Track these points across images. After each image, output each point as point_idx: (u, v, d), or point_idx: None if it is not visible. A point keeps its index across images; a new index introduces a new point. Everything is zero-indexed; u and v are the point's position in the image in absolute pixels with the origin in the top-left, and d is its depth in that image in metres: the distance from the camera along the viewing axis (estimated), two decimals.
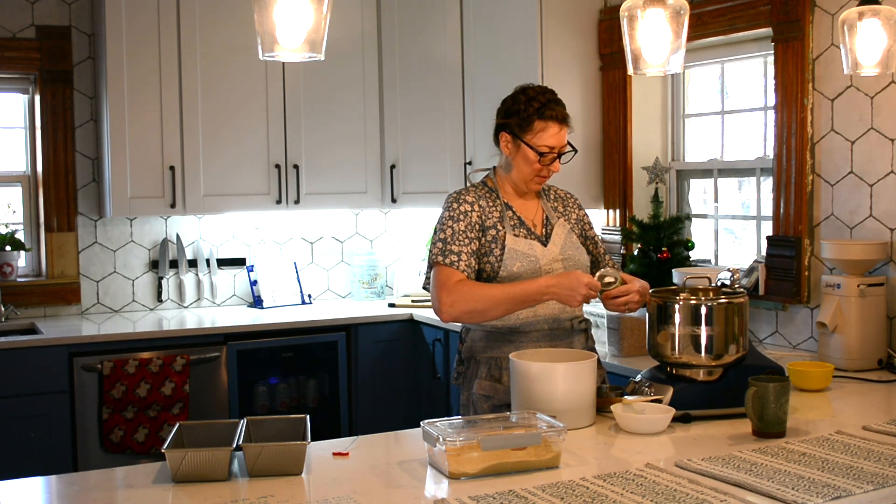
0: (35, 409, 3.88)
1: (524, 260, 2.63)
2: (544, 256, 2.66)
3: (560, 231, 2.74)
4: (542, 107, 2.64)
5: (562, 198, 2.86)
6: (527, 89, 2.70)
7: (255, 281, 4.82)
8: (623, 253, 4.20)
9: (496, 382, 2.65)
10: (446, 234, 2.63)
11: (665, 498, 1.80)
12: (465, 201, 2.68)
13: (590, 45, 4.34)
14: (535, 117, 2.64)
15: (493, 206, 2.70)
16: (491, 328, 2.69)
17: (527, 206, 2.76)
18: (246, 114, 4.55)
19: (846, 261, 3.11)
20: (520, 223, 2.71)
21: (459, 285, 2.57)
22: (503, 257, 2.62)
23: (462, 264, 2.60)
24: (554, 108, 2.65)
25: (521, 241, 2.66)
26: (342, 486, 1.94)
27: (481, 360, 2.70)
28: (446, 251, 2.61)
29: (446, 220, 2.66)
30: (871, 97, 3.22)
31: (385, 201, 4.87)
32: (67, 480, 2.04)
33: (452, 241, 2.62)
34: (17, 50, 4.44)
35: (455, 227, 2.64)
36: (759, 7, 3.55)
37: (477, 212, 2.66)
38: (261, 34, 2.15)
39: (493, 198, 2.72)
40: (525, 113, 2.65)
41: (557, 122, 2.65)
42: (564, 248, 2.71)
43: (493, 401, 2.65)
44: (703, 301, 2.44)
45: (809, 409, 2.55)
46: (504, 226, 2.67)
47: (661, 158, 4.27)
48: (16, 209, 4.64)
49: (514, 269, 2.62)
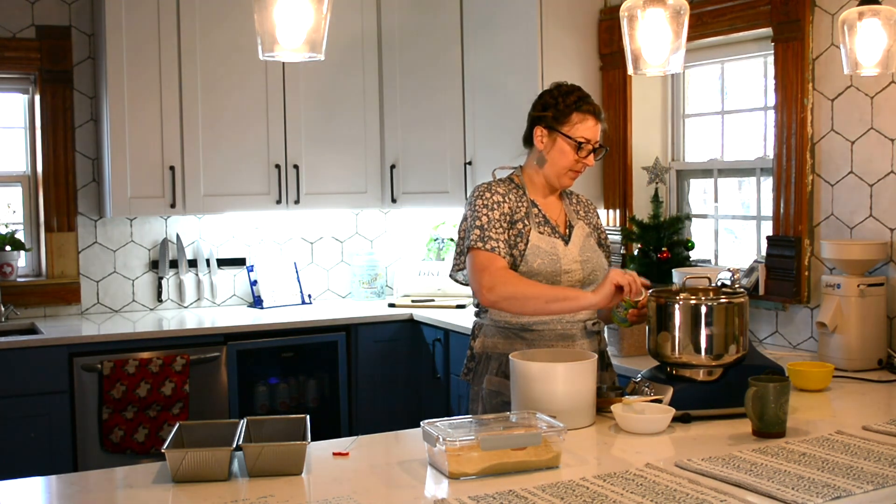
0: (35, 409, 3.88)
1: (546, 257, 2.65)
2: (565, 256, 2.68)
3: (580, 233, 2.76)
4: (580, 100, 2.70)
5: (583, 203, 2.89)
6: (561, 86, 2.75)
7: (255, 281, 4.82)
8: (623, 253, 4.20)
9: (505, 378, 2.65)
10: (482, 222, 2.65)
11: (665, 498, 1.80)
12: (497, 192, 2.71)
13: (590, 45, 4.34)
14: (574, 109, 2.69)
15: (520, 202, 2.72)
16: (504, 324, 2.70)
17: (551, 206, 2.79)
18: (246, 114, 4.55)
19: (846, 261, 3.12)
20: (545, 221, 2.73)
21: (502, 271, 2.59)
22: (526, 252, 2.64)
23: (502, 251, 2.62)
24: (591, 102, 2.72)
25: (544, 238, 2.68)
26: (342, 486, 1.94)
27: (493, 355, 2.72)
28: (485, 237, 2.63)
29: (480, 207, 2.67)
30: (871, 97, 3.22)
31: (385, 201, 4.87)
32: (67, 480, 2.04)
33: (490, 228, 2.64)
34: (17, 50, 4.44)
35: (490, 216, 2.65)
36: (759, 7, 3.55)
37: (508, 203, 2.69)
38: (261, 34, 2.15)
39: (520, 194, 2.74)
40: (563, 105, 2.70)
41: (594, 116, 2.70)
42: (584, 249, 2.73)
43: (502, 397, 2.66)
44: (703, 301, 2.44)
45: (809, 409, 2.55)
46: (530, 222, 2.70)
47: (661, 158, 4.27)
48: (16, 209, 4.64)
49: (535, 265, 2.64)
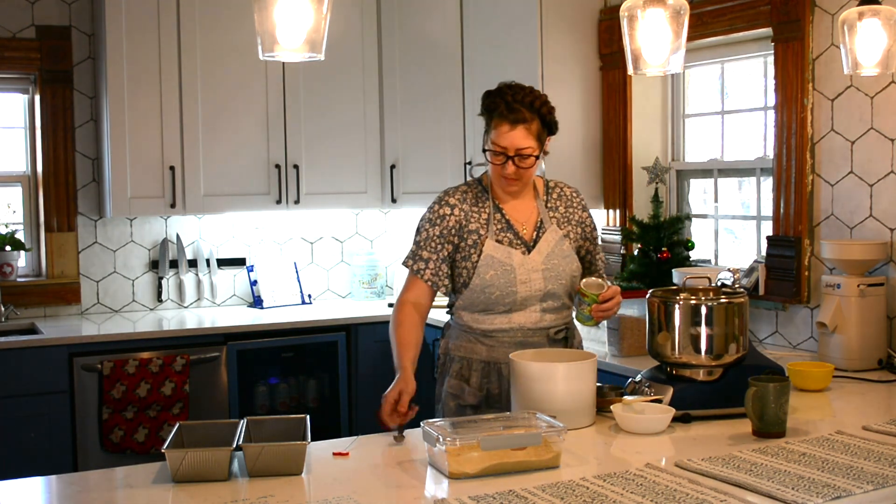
0: (35, 409, 3.88)
1: (499, 268, 2.59)
2: (522, 266, 2.60)
3: (550, 238, 2.66)
4: (501, 104, 2.54)
5: (566, 197, 2.75)
6: (503, 86, 2.60)
7: (255, 281, 4.82)
8: (623, 253, 4.20)
9: (464, 382, 2.65)
10: (420, 238, 2.65)
11: (665, 498, 1.80)
12: (447, 203, 2.65)
13: (590, 44, 4.34)
14: (492, 114, 2.58)
15: (480, 208, 2.66)
16: (466, 328, 2.68)
17: (520, 208, 2.68)
18: (246, 114, 4.55)
19: (846, 261, 3.11)
20: (507, 227, 2.65)
21: (404, 306, 2.63)
22: (479, 264, 2.60)
23: (428, 273, 2.62)
24: (513, 105, 2.53)
25: (501, 248, 2.61)
26: (342, 486, 1.94)
27: (455, 357, 2.70)
28: (416, 255, 2.65)
29: (425, 221, 2.66)
30: (871, 97, 3.22)
31: (385, 201, 4.87)
32: (67, 480, 2.04)
33: (424, 247, 2.64)
34: (17, 50, 4.44)
35: (430, 233, 2.64)
36: (759, 7, 3.55)
37: (457, 216, 2.63)
38: (261, 34, 2.15)
39: (483, 198, 2.67)
40: (487, 109, 2.60)
41: (508, 123, 2.53)
42: (550, 256, 2.64)
43: (458, 400, 2.65)
44: (703, 301, 2.44)
45: (809, 409, 2.55)
46: (488, 230, 2.63)
47: (661, 158, 4.27)
48: (16, 209, 4.64)
49: (487, 276, 2.59)
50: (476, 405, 2.63)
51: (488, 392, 2.64)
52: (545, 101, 2.60)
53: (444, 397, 2.70)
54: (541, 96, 2.60)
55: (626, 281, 3.90)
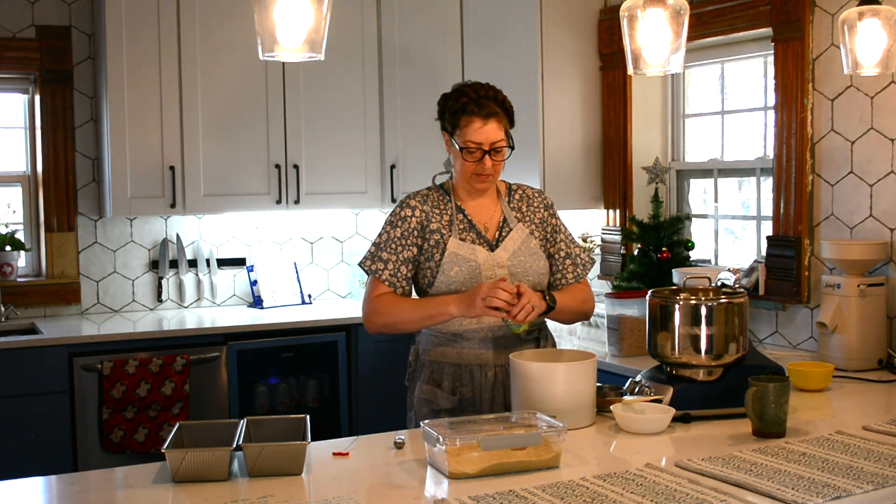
0: (35, 409, 3.88)
1: (463, 264, 2.59)
2: (486, 262, 2.60)
3: (516, 236, 2.66)
4: (469, 102, 2.57)
5: (527, 197, 2.75)
6: (463, 86, 2.64)
7: (255, 281, 4.82)
8: (623, 253, 4.21)
9: (436, 387, 2.64)
10: (381, 239, 2.65)
11: (665, 498, 1.80)
12: (408, 206, 2.66)
13: (590, 45, 4.34)
14: (460, 113, 2.59)
15: (442, 210, 2.66)
16: (436, 331, 2.66)
17: (481, 208, 2.69)
18: (246, 114, 4.55)
19: (846, 261, 3.12)
20: (469, 227, 2.65)
21: (377, 299, 2.61)
22: (442, 261, 2.59)
23: (386, 273, 2.62)
24: (481, 101, 2.57)
25: (465, 245, 2.61)
26: (342, 486, 1.94)
27: (426, 362, 2.69)
28: (375, 256, 2.64)
29: (386, 224, 2.67)
30: (871, 97, 3.22)
31: (385, 201, 4.87)
32: (67, 480, 2.04)
33: (384, 248, 2.64)
34: (17, 50, 4.44)
35: (391, 234, 2.64)
36: (759, 7, 3.55)
37: (418, 217, 2.64)
38: (261, 34, 2.15)
39: (445, 200, 2.68)
40: (452, 110, 2.61)
41: (480, 118, 2.56)
42: (516, 254, 2.63)
43: (431, 405, 2.63)
44: (703, 301, 2.45)
45: (809, 409, 2.55)
46: (451, 230, 2.63)
47: (661, 158, 4.27)
48: (16, 209, 4.64)
49: (452, 273, 2.59)
50: (450, 409, 2.61)
51: (461, 396, 2.62)
52: (505, 96, 2.66)
53: (416, 404, 2.68)
54: (500, 91, 2.65)
55: (626, 281, 3.90)
